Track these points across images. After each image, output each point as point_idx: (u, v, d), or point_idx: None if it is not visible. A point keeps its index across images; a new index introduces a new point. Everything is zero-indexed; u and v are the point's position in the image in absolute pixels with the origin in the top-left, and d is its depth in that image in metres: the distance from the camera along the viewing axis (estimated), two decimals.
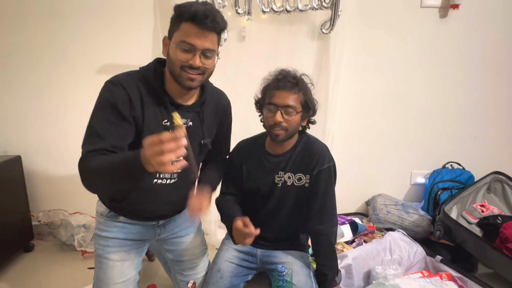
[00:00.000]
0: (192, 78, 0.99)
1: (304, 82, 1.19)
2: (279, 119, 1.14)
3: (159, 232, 1.25)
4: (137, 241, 1.20)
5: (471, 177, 2.15)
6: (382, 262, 1.55)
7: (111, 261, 1.14)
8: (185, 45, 0.95)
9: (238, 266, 1.33)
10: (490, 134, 2.23)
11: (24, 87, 1.92)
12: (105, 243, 1.16)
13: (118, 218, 1.16)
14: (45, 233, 2.04)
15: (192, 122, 1.10)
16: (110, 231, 1.16)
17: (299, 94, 1.15)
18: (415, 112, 2.16)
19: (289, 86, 1.14)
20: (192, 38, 0.95)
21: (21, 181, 1.93)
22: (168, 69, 1.02)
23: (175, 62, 0.98)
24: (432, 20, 2.03)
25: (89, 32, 1.88)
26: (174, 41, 0.97)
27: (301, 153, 1.25)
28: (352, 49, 2.00)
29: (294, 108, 1.15)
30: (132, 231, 1.18)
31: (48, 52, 1.89)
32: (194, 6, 0.94)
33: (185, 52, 0.96)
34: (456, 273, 1.53)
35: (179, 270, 1.30)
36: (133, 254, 1.19)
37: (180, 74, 0.99)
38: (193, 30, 0.94)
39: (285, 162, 1.26)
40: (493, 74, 2.15)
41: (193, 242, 1.30)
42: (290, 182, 1.25)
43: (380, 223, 2.02)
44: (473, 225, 1.88)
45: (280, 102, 1.14)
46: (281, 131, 1.17)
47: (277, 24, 1.92)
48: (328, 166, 1.23)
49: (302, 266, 1.29)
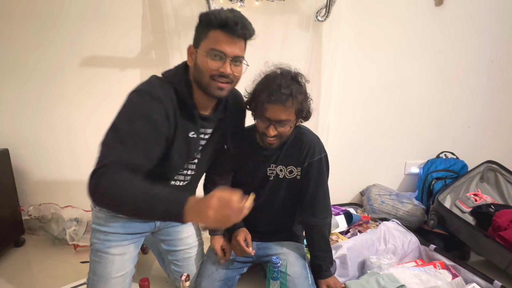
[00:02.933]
0: (222, 88, 0.98)
1: (298, 88, 1.12)
2: (272, 133, 1.11)
3: (159, 224, 1.25)
4: (137, 235, 1.20)
5: (465, 166, 2.16)
6: (377, 252, 1.56)
7: (111, 255, 1.12)
8: (215, 52, 0.94)
9: (233, 259, 1.32)
10: (484, 123, 2.23)
11: (8, 79, 1.86)
12: (105, 237, 1.14)
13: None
14: (36, 228, 2.01)
15: (213, 130, 1.10)
16: (111, 227, 1.14)
17: (293, 106, 1.10)
18: (409, 101, 2.15)
19: (283, 100, 1.07)
20: (222, 45, 0.93)
21: (9, 175, 1.88)
22: (195, 79, 1.00)
23: (205, 71, 0.96)
24: (428, 8, 2.00)
25: (76, 24, 1.81)
26: (203, 49, 0.95)
27: (291, 145, 1.24)
28: (347, 37, 1.97)
29: (286, 122, 1.12)
30: (133, 225, 1.17)
31: (34, 43, 1.82)
32: (223, 13, 0.92)
33: (215, 60, 0.94)
34: (450, 261, 1.55)
35: (174, 260, 1.29)
36: (132, 247, 1.18)
37: (209, 84, 0.97)
38: (223, 38, 0.93)
39: (276, 155, 1.25)
40: (487, 63, 2.14)
41: (188, 232, 1.30)
42: (282, 175, 1.24)
43: (375, 213, 2.03)
44: (466, 214, 1.89)
45: (273, 116, 1.10)
46: (274, 140, 1.15)
47: (269, 13, 1.87)
48: (319, 157, 1.21)
49: (297, 257, 1.28)
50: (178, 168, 1.07)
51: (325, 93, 1.98)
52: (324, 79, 1.96)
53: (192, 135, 1.02)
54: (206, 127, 1.07)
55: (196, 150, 1.07)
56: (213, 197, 0.76)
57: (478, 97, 2.18)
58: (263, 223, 1.31)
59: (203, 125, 1.06)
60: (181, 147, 1.01)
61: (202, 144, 1.11)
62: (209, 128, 1.09)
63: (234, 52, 0.95)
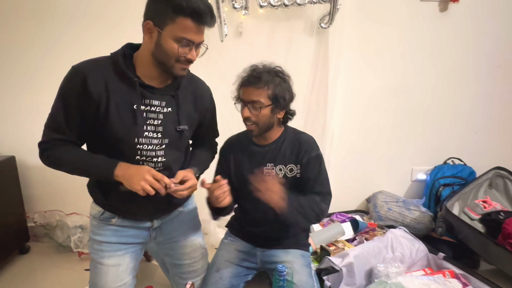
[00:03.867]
0: (185, 68, 1.03)
1: (271, 75, 1.18)
2: (246, 114, 1.19)
3: (155, 235, 1.21)
4: (131, 245, 1.16)
5: (473, 172, 2.13)
6: (384, 260, 1.53)
7: (105, 266, 1.11)
8: (184, 40, 0.95)
9: (238, 266, 1.30)
10: (491, 129, 2.21)
11: (17, 87, 1.89)
12: (98, 247, 1.12)
13: (111, 221, 1.12)
14: (41, 235, 2.01)
15: (170, 107, 1.08)
16: (103, 235, 1.12)
17: (264, 89, 1.16)
18: (415, 107, 2.14)
19: (253, 82, 1.17)
20: (191, 34, 0.95)
21: (15, 182, 1.90)
22: (155, 57, 1.00)
23: (172, 55, 0.97)
24: (432, 14, 2.00)
25: (85, 31, 1.84)
26: (170, 35, 0.95)
27: (290, 145, 1.26)
28: (351, 44, 1.98)
29: (259, 103, 1.17)
30: (126, 234, 1.14)
31: (42, 51, 1.85)
32: (193, 1, 0.92)
33: (183, 47, 0.96)
34: (459, 270, 1.51)
35: (178, 273, 1.27)
36: (128, 258, 1.15)
37: (174, 66, 0.99)
38: (193, 27, 0.94)
39: (271, 153, 1.26)
40: (493, 68, 2.12)
41: (192, 246, 1.27)
42: (281, 175, 1.24)
43: (381, 220, 2.00)
44: (475, 221, 1.86)
45: (246, 98, 1.19)
46: (252, 125, 1.20)
47: (274, 19, 1.89)
48: (317, 153, 1.25)
49: (303, 265, 1.26)
50: (129, 142, 1.02)
51: (329, 99, 1.98)
52: (328, 85, 1.96)
53: (136, 107, 1.01)
54: (153, 99, 1.04)
55: (144, 123, 1.02)
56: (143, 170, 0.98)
57: (485, 102, 2.16)
58: (268, 228, 1.30)
59: (146, 95, 1.02)
60: (124, 117, 0.99)
61: (155, 119, 1.05)
62: (156, 100, 1.04)
63: (201, 39, 0.99)
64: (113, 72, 0.99)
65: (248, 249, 1.33)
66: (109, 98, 0.98)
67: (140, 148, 1.04)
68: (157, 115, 1.05)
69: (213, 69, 1.87)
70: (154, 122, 1.05)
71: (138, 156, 1.04)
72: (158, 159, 1.07)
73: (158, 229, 1.21)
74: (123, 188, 1.00)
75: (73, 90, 0.97)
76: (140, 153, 1.04)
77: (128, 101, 1.00)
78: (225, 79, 1.91)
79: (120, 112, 0.99)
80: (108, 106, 0.98)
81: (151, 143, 1.05)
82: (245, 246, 1.34)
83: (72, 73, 0.99)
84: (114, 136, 1.00)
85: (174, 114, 1.09)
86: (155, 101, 1.05)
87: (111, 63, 1.00)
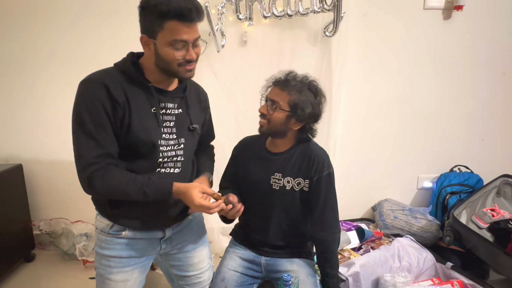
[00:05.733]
0: (190, 69, 1.02)
1: (301, 85, 1.19)
2: (262, 110, 1.21)
3: (165, 247, 1.19)
4: (141, 258, 1.15)
5: (480, 180, 2.11)
6: (391, 270, 1.51)
7: (113, 282, 1.10)
8: (177, 43, 0.95)
9: (243, 275, 1.29)
10: (497, 136, 2.19)
11: (25, 96, 1.92)
12: (106, 263, 1.10)
13: (121, 234, 1.09)
14: (47, 243, 2.02)
15: (181, 108, 1.11)
16: (112, 249, 1.10)
17: (286, 93, 1.17)
18: (421, 115, 2.13)
19: (280, 83, 1.20)
20: (182, 35, 0.94)
21: (22, 190, 1.92)
22: (160, 67, 1.01)
23: (171, 61, 0.97)
24: (436, 22, 2.01)
25: (91, 37, 1.87)
26: (163, 41, 0.95)
27: (300, 156, 1.24)
28: (355, 52, 1.99)
29: (277, 104, 1.17)
30: (136, 247, 1.12)
31: (49, 61, 1.89)
32: (173, 2, 0.90)
33: (179, 50, 0.96)
34: (468, 280, 1.48)
35: (185, 285, 1.26)
36: (137, 273, 1.14)
37: (178, 70, 1.00)
38: (181, 27, 0.93)
39: (281, 163, 1.24)
40: (499, 75, 2.11)
41: (199, 257, 1.25)
42: (289, 187, 1.23)
43: (387, 229, 1.98)
44: (484, 230, 1.83)
45: (269, 95, 1.21)
46: (264, 121, 1.22)
47: (278, 28, 1.91)
48: (328, 172, 1.22)
49: (308, 274, 1.25)
50: (152, 145, 1.03)
51: (334, 105, 1.98)
52: (332, 93, 1.96)
53: (154, 111, 1.03)
54: (167, 102, 1.06)
55: (161, 126, 1.05)
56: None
57: (491, 109, 2.15)
58: (272, 237, 1.29)
59: (161, 99, 1.05)
60: (145, 121, 1.01)
61: (171, 121, 1.08)
62: (170, 103, 1.07)
63: (194, 36, 0.97)
64: (125, 80, 1.00)
65: (253, 257, 1.32)
66: (130, 105, 0.99)
67: (161, 150, 1.05)
68: (172, 117, 1.08)
69: (218, 78, 1.89)
70: (170, 124, 1.07)
71: (160, 159, 1.06)
72: (178, 158, 1.10)
73: (169, 240, 1.18)
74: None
75: (99, 101, 0.94)
76: (161, 154, 1.06)
77: (148, 106, 1.02)
78: (230, 87, 1.95)
79: (142, 117, 1.00)
80: (130, 113, 0.99)
81: (169, 144, 1.07)
82: (250, 254, 1.33)
83: (89, 85, 0.97)
84: (137, 141, 1.01)
85: (185, 115, 1.11)
86: (170, 103, 1.07)
87: (120, 72, 1.01)
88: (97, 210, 1.14)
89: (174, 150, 1.08)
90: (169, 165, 1.09)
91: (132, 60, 1.04)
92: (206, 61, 1.87)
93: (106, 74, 1.00)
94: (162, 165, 1.07)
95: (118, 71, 1.02)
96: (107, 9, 1.85)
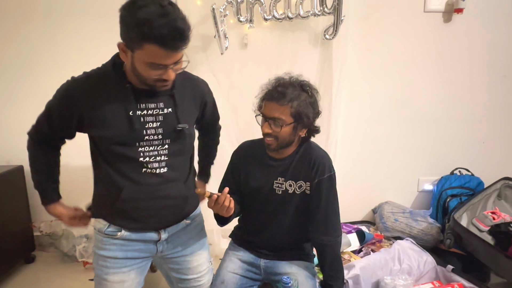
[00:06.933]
0: (167, 84, 0.99)
1: (297, 91, 1.14)
2: (266, 130, 1.15)
3: (161, 249, 1.18)
4: (137, 260, 1.15)
5: (481, 183, 2.10)
6: (391, 272, 1.51)
7: (109, 283, 1.10)
8: (155, 66, 0.91)
9: (242, 277, 1.29)
10: (498, 138, 2.18)
11: (25, 96, 1.93)
12: (103, 263, 1.11)
13: (117, 234, 1.10)
14: (47, 244, 2.02)
15: (169, 107, 1.07)
16: (108, 250, 1.10)
17: (288, 106, 1.11)
18: (421, 117, 2.13)
19: (276, 98, 1.12)
20: (161, 60, 0.90)
21: (23, 191, 1.92)
22: (135, 75, 0.98)
23: (147, 77, 0.95)
24: (436, 24, 2.01)
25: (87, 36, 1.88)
26: (140, 59, 0.91)
27: (300, 159, 1.23)
28: (355, 55, 1.99)
29: (281, 121, 1.13)
30: (132, 248, 1.12)
31: (51, 61, 1.90)
32: (157, 24, 0.82)
33: (156, 70, 0.92)
34: (469, 283, 1.48)
35: (184, 287, 1.26)
36: (133, 274, 1.14)
37: (153, 84, 0.97)
38: (161, 53, 0.87)
39: (283, 168, 1.24)
40: (499, 78, 2.11)
41: (198, 260, 1.24)
42: (291, 190, 1.23)
43: (388, 231, 1.97)
44: (485, 233, 1.82)
45: (267, 113, 1.14)
46: (271, 140, 1.16)
47: (279, 31, 1.91)
48: (329, 175, 1.21)
49: (308, 276, 1.25)
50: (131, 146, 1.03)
51: (334, 108, 1.99)
52: (332, 95, 1.97)
53: (132, 114, 1.00)
54: (148, 102, 1.03)
55: (143, 127, 1.03)
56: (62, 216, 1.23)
57: (491, 112, 2.15)
58: (272, 239, 1.28)
59: (141, 100, 1.02)
60: (121, 124, 1.01)
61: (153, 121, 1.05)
62: (152, 103, 1.04)
63: (175, 60, 0.92)
64: (104, 84, 1.00)
65: (252, 260, 1.32)
66: (97, 111, 1.01)
67: (142, 151, 1.05)
68: (156, 118, 1.05)
69: (218, 80, 1.89)
70: (153, 125, 1.05)
71: (141, 158, 1.05)
72: (162, 158, 1.08)
73: (165, 242, 1.17)
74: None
75: (58, 106, 1.07)
76: (142, 154, 1.05)
77: (123, 109, 1.01)
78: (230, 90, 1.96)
79: (118, 120, 1.00)
80: (93, 118, 1.01)
81: (152, 144, 1.06)
82: (249, 256, 1.33)
83: (61, 90, 1.06)
84: (115, 141, 1.02)
85: (173, 114, 1.08)
86: (151, 104, 1.04)
87: (102, 74, 1.02)
88: (95, 210, 1.16)
89: (157, 150, 1.07)
90: (154, 165, 1.07)
91: (114, 62, 1.02)
92: (207, 64, 1.88)
93: (83, 80, 1.04)
94: (146, 165, 1.06)
95: (100, 73, 1.03)
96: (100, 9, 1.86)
